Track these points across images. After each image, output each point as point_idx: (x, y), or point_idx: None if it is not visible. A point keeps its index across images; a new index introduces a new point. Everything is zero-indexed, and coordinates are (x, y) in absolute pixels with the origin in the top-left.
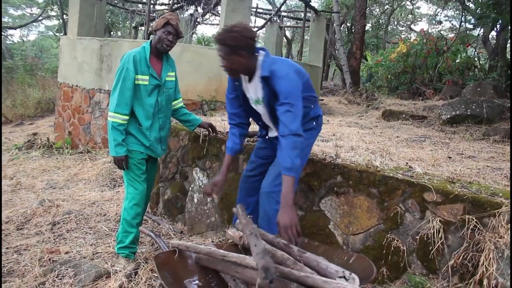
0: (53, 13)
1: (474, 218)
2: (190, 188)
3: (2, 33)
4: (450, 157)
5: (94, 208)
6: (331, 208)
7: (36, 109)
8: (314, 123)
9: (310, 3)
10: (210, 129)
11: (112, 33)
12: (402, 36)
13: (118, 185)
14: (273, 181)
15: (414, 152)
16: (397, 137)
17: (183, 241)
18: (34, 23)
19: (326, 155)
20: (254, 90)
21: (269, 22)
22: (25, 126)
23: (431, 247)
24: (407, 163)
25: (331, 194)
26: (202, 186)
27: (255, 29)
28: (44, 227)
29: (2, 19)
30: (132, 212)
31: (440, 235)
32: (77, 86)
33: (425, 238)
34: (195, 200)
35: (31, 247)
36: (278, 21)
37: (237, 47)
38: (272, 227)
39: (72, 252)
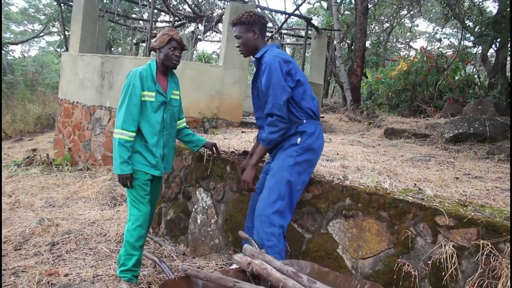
0: (54, 29)
1: (489, 243)
2: (194, 209)
3: (4, 48)
4: (457, 178)
5: (94, 228)
6: (339, 231)
7: (35, 125)
8: (298, 139)
9: (312, 21)
10: (214, 149)
11: (113, 49)
12: (401, 53)
13: (119, 204)
14: (265, 203)
15: (420, 172)
16: (401, 156)
17: (186, 263)
18: (35, 39)
19: (333, 177)
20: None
21: (270, 40)
22: (25, 142)
23: (444, 273)
24: (415, 184)
25: (339, 217)
26: (206, 207)
27: None
28: (43, 247)
29: (4, 35)
30: (135, 234)
31: (453, 260)
32: (78, 102)
33: (437, 263)
34: (199, 221)
35: (29, 269)
36: (279, 38)
37: (252, 24)
38: (266, 251)
39: (71, 274)
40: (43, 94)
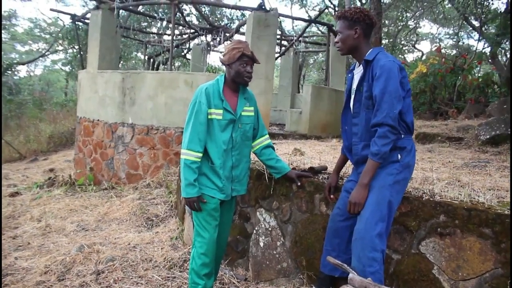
0: (60, 48)
1: None
2: (255, 231)
3: (12, 69)
4: None
5: (137, 253)
6: (434, 251)
7: (48, 144)
8: (399, 156)
9: (333, 27)
10: (298, 181)
11: (122, 64)
12: (405, 56)
13: (155, 225)
14: (366, 225)
15: (486, 180)
16: (450, 162)
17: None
18: (41, 58)
19: (423, 192)
20: (356, 77)
21: (283, 49)
22: (40, 162)
23: None
24: (492, 194)
25: (433, 235)
26: (270, 229)
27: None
28: (87, 277)
29: (10, 55)
30: (199, 262)
31: None
32: (98, 120)
33: None
34: (261, 244)
35: None
36: (299, 47)
37: (355, 21)
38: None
39: None
40: (52, 112)
